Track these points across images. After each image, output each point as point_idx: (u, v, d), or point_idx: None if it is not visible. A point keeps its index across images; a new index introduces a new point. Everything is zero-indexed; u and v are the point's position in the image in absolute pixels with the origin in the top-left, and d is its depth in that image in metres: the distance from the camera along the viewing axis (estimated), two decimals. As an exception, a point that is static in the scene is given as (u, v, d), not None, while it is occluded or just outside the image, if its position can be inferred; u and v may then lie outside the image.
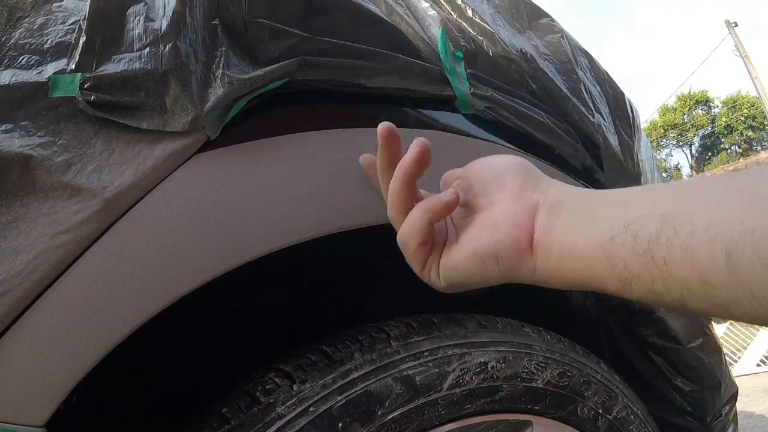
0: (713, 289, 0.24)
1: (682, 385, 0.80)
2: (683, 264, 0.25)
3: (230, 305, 0.71)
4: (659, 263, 0.26)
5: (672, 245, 0.25)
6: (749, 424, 2.68)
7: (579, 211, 0.31)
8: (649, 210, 0.27)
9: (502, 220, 0.33)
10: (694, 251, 0.24)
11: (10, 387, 0.37)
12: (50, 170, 0.39)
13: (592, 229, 0.29)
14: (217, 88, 0.44)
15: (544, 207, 0.33)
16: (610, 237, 0.28)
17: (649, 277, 0.26)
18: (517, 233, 0.32)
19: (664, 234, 0.25)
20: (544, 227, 0.32)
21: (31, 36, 0.45)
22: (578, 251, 0.30)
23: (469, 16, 0.70)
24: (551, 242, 0.31)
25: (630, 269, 0.27)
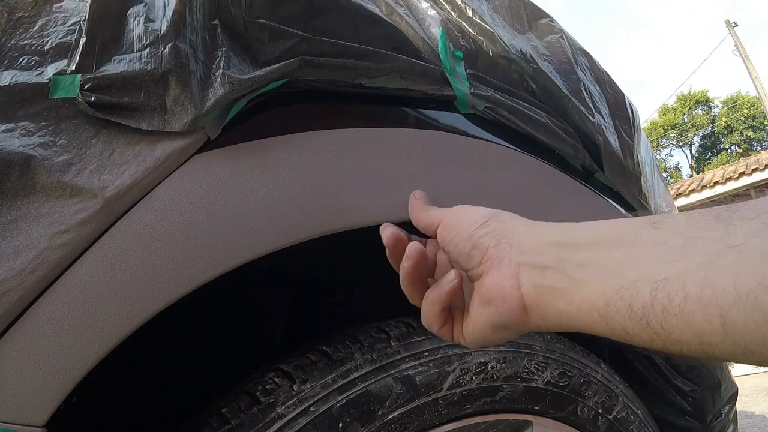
0: (712, 348, 0.25)
1: (682, 385, 0.80)
2: (680, 328, 0.26)
3: (230, 305, 0.71)
4: (656, 328, 0.26)
5: (667, 312, 0.26)
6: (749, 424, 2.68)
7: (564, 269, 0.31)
8: (641, 273, 0.27)
9: (493, 295, 0.34)
10: (689, 317, 0.25)
11: (11, 387, 0.37)
12: (51, 170, 0.39)
13: (585, 294, 0.30)
14: (217, 89, 0.44)
15: (525, 268, 0.33)
16: (605, 303, 0.28)
17: (648, 338, 0.27)
18: (510, 303, 0.34)
19: (659, 302, 0.26)
20: (532, 288, 0.33)
21: (32, 37, 0.45)
22: (574, 314, 0.31)
23: (469, 16, 0.70)
24: (545, 306, 0.32)
25: (628, 331, 0.28)
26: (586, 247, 0.31)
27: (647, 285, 0.27)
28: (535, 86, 0.70)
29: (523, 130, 0.66)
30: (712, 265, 0.25)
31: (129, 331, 0.41)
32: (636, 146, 0.83)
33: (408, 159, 0.56)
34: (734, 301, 0.23)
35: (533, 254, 0.33)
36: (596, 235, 0.32)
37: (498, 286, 0.34)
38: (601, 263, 0.30)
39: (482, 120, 0.64)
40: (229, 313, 0.72)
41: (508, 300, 0.33)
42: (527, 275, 0.33)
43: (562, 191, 0.70)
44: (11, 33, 0.45)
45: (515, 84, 0.69)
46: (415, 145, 0.58)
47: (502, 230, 0.36)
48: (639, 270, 0.27)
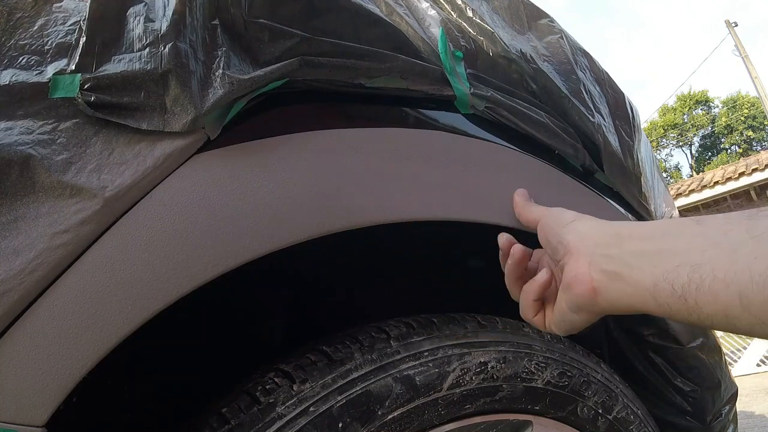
0: (735, 320, 0.32)
1: (682, 385, 0.80)
2: (709, 304, 0.33)
3: (230, 305, 0.71)
4: (692, 304, 0.34)
5: (700, 291, 0.33)
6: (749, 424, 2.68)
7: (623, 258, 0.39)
8: (682, 260, 0.35)
9: (571, 281, 0.43)
10: (716, 294, 0.32)
11: (10, 387, 0.37)
12: (50, 170, 0.39)
13: (639, 277, 0.38)
14: (217, 89, 0.44)
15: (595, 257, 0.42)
16: (654, 284, 0.36)
17: (685, 313, 0.35)
18: (584, 288, 0.42)
19: (694, 282, 0.33)
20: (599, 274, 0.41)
21: (32, 37, 0.45)
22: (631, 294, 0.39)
23: (469, 16, 0.70)
24: (609, 288, 0.40)
25: (671, 307, 0.36)
26: (641, 239, 0.39)
27: (685, 269, 0.34)
28: (535, 86, 0.70)
29: (523, 130, 0.66)
30: (735, 252, 0.31)
31: (129, 331, 0.40)
32: (636, 146, 0.83)
33: (408, 159, 0.56)
34: (749, 281, 0.29)
35: (601, 247, 0.42)
36: (650, 230, 0.39)
37: (574, 272, 0.42)
38: (652, 253, 0.37)
39: (482, 120, 0.64)
40: (229, 313, 0.72)
41: (582, 283, 0.41)
42: (596, 263, 0.41)
43: (562, 191, 0.70)
44: (11, 33, 0.45)
45: (515, 84, 0.69)
46: (415, 145, 0.58)
47: (581, 228, 0.44)
48: (680, 258, 0.35)
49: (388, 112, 0.59)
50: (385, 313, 0.61)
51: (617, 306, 0.40)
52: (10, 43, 0.44)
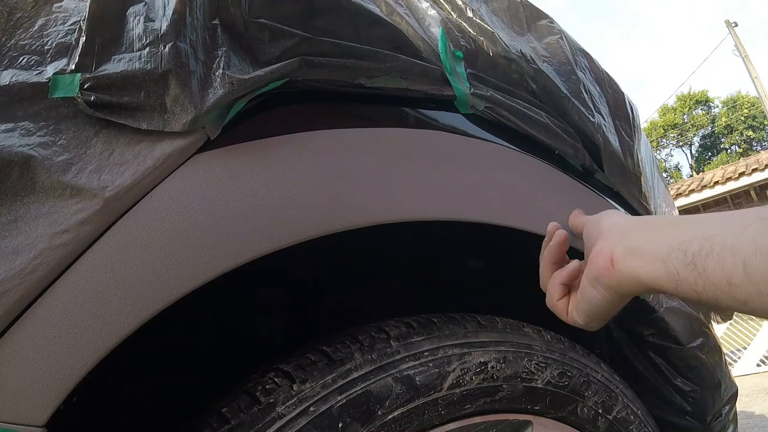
0: (736, 288, 0.35)
1: (682, 385, 0.80)
2: (716, 270, 0.36)
3: (230, 305, 0.71)
4: (700, 269, 0.37)
5: (709, 257, 0.37)
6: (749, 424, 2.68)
7: (643, 235, 0.44)
8: (696, 233, 0.39)
9: (593, 256, 0.48)
10: (723, 261, 0.36)
11: (11, 387, 0.37)
12: (50, 170, 0.39)
13: (655, 247, 0.42)
14: (218, 88, 0.44)
15: (618, 235, 0.47)
16: (668, 252, 0.40)
17: (693, 280, 0.38)
18: (603, 260, 0.46)
19: (704, 250, 0.37)
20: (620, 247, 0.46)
21: (32, 37, 0.45)
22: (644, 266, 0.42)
23: (469, 17, 0.70)
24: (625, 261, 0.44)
25: (680, 274, 0.39)
26: (665, 223, 0.44)
27: (699, 239, 0.38)
28: (535, 86, 0.70)
29: (523, 130, 0.66)
30: (745, 230, 0.35)
31: (129, 331, 0.40)
32: (636, 146, 0.83)
33: (408, 159, 0.56)
34: (753, 252, 0.34)
35: (628, 230, 0.47)
36: (674, 218, 0.45)
37: (598, 248, 0.47)
38: (671, 229, 0.42)
39: (482, 120, 0.64)
40: (229, 313, 0.72)
41: (602, 256, 0.46)
42: (618, 241, 0.46)
43: (562, 191, 0.70)
44: (11, 33, 0.45)
45: (515, 84, 0.69)
46: (415, 145, 0.58)
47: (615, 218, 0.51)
48: (696, 231, 0.39)
49: (388, 112, 0.59)
50: (385, 313, 0.61)
51: (629, 279, 0.44)
52: (10, 43, 0.44)
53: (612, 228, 0.49)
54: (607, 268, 0.45)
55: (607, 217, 0.52)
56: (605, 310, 0.49)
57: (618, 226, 0.48)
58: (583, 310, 0.50)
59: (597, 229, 0.50)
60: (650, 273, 0.42)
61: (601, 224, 0.50)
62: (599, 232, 0.49)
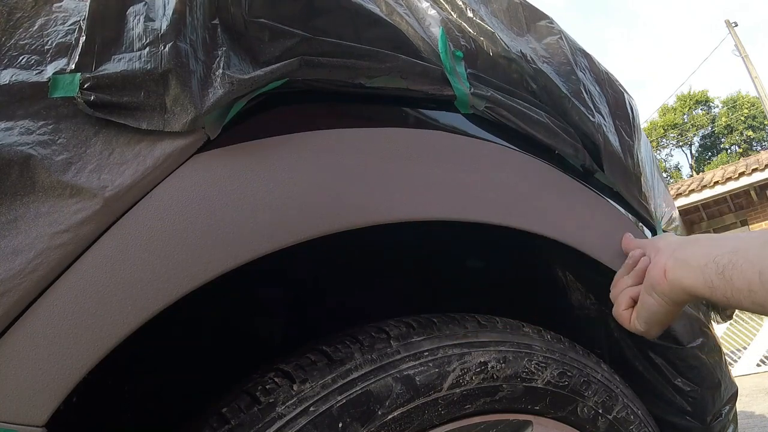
0: (755, 294, 0.44)
1: (682, 385, 0.80)
2: (740, 279, 0.46)
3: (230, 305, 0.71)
4: (728, 279, 0.47)
5: (735, 269, 0.47)
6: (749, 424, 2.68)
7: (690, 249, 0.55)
8: (726, 248, 0.49)
9: (651, 268, 0.58)
10: (745, 273, 0.46)
11: (10, 387, 0.37)
12: (50, 169, 0.39)
13: (696, 260, 0.52)
14: (218, 88, 0.44)
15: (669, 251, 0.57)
16: (705, 264, 0.50)
17: (723, 287, 0.48)
18: (658, 270, 0.56)
19: (731, 263, 0.47)
20: (671, 261, 0.56)
21: (31, 36, 0.45)
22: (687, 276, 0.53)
23: (470, 17, 0.70)
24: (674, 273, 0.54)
25: (713, 282, 0.49)
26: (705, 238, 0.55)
27: (728, 254, 0.48)
28: (535, 86, 0.70)
29: (523, 130, 0.66)
30: (764, 246, 0.45)
31: (129, 330, 0.40)
32: (636, 146, 0.83)
33: (408, 159, 0.56)
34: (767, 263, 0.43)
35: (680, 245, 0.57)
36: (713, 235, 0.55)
37: (655, 261, 0.58)
38: (710, 244, 0.53)
39: (482, 120, 0.64)
40: (229, 313, 0.72)
41: (658, 267, 0.56)
42: (671, 255, 0.56)
43: (562, 191, 0.70)
44: (11, 32, 0.45)
45: (515, 84, 0.69)
46: (415, 145, 0.58)
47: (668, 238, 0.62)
48: (727, 247, 0.50)
49: (388, 112, 0.59)
50: (385, 313, 0.61)
51: (678, 285, 0.53)
52: (10, 43, 0.44)
53: (667, 245, 0.59)
54: (661, 277, 0.55)
55: (663, 237, 0.63)
56: (662, 317, 0.57)
57: (671, 243, 0.59)
58: (643, 317, 0.59)
59: (654, 248, 0.60)
60: (692, 281, 0.52)
61: (658, 244, 0.61)
62: (656, 249, 0.60)
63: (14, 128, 0.40)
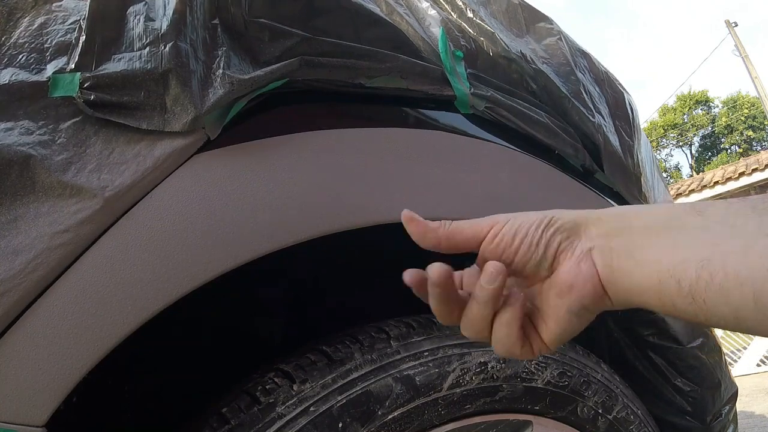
0: (746, 322, 0.30)
1: (682, 385, 0.80)
2: (719, 303, 0.30)
3: (230, 305, 0.71)
4: (699, 303, 0.31)
5: (709, 288, 0.30)
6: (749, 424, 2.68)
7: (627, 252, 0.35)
8: (687, 255, 0.32)
9: (573, 277, 0.37)
10: (727, 293, 0.29)
11: (10, 387, 0.37)
12: (50, 169, 0.39)
13: (644, 274, 0.34)
14: (218, 88, 0.44)
15: (597, 252, 0.37)
16: (659, 281, 0.33)
17: (693, 313, 0.32)
18: (592, 284, 0.36)
19: (702, 279, 0.30)
20: (604, 268, 0.36)
21: (32, 36, 0.45)
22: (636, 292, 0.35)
23: (470, 17, 0.70)
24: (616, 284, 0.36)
25: (677, 306, 0.32)
26: (642, 232, 0.35)
27: (693, 264, 0.31)
28: (535, 86, 0.70)
29: (523, 130, 0.66)
30: (749, 250, 0.29)
31: (129, 330, 0.40)
32: (636, 146, 0.83)
33: (408, 159, 0.56)
34: (764, 281, 0.27)
35: (599, 239, 0.37)
36: (648, 221, 0.36)
37: (575, 270, 0.37)
38: (655, 247, 0.34)
39: (482, 120, 0.64)
40: (229, 313, 0.72)
41: (589, 279, 0.36)
42: (599, 257, 0.36)
43: (562, 191, 0.70)
44: (11, 32, 0.45)
45: (515, 84, 0.69)
46: (415, 145, 0.58)
47: (567, 224, 0.38)
48: (686, 252, 0.32)
49: (388, 112, 0.59)
50: (385, 313, 0.61)
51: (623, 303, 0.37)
52: (10, 42, 0.44)
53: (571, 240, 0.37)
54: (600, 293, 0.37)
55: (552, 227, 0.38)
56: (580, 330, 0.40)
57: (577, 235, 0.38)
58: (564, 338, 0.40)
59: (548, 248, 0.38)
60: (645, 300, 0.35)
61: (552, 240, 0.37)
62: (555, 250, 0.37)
63: (14, 128, 0.40)
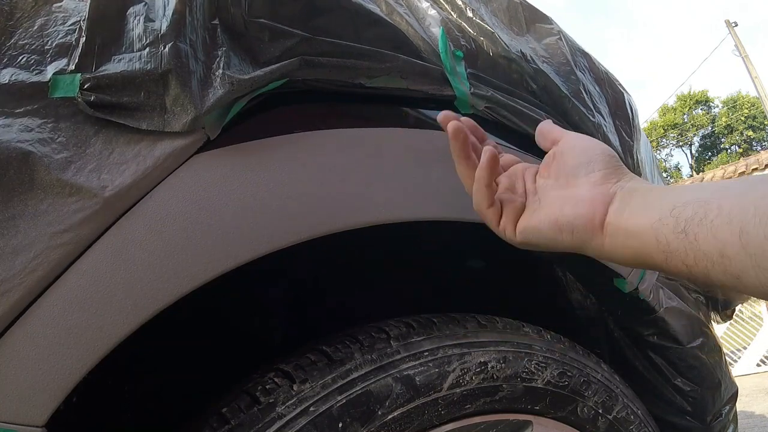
0: (729, 261, 0.30)
1: (682, 385, 0.80)
2: (708, 239, 0.31)
3: (230, 305, 0.71)
4: (691, 238, 0.33)
5: (702, 224, 0.32)
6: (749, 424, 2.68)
7: (642, 199, 0.38)
8: (691, 197, 0.34)
9: (583, 199, 0.40)
10: (717, 229, 0.31)
11: (10, 387, 0.37)
12: (49, 168, 0.39)
13: (648, 213, 0.36)
14: (217, 88, 0.44)
15: (619, 196, 0.39)
16: (659, 218, 0.35)
17: (683, 250, 0.33)
18: (593, 212, 0.39)
19: (697, 215, 0.32)
20: (615, 212, 0.39)
21: (31, 36, 0.45)
22: (636, 230, 0.37)
23: (469, 17, 0.70)
24: (619, 225, 0.38)
25: (670, 244, 0.34)
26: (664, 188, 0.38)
27: (693, 204, 0.33)
28: (535, 86, 0.70)
29: (523, 130, 0.66)
30: (745, 193, 0.31)
31: (129, 330, 0.40)
32: (636, 146, 0.83)
33: (408, 159, 0.56)
34: (752, 217, 0.29)
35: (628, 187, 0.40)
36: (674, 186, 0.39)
37: (591, 195, 0.40)
38: (668, 192, 0.37)
39: (482, 120, 0.64)
40: (229, 313, 0.72)
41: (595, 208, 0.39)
42: (617, 202, 0.39)
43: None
44: (11, 32, 0.45)
45: (515, 84, 0.69)
46: (415, 145, 0.58)
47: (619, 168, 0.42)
48: (691, 195, 0.34)
49: (388, 112, 0.59)
50: (385, 313, 0.61)
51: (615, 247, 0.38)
52: (10, 43, 0.44)
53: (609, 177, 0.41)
54: (594, 225, 0.39)
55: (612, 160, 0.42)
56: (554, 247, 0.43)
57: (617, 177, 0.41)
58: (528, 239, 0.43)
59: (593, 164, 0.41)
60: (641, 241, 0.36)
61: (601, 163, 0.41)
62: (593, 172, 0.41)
63: (13, 126, 0.40)
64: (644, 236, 0.36)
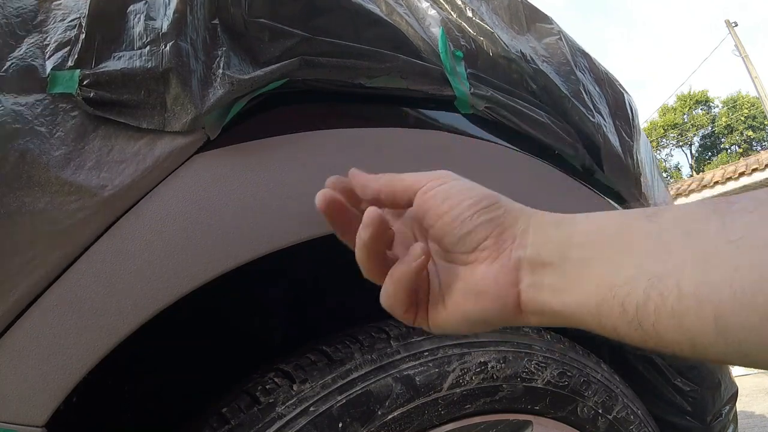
0: (705, 350, 0.24)
1: (682, 385, 0.80)
2: (672, 330, 0.24)
3: (230, 305, 0.71)
4: (648, 329, 0.25)
5: (660, 313, 0.24)
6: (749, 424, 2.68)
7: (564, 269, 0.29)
8: (634, 271, 0.26)
9: (486, 287, 0.31)
10: (682, 317, 0.23)
11: (11, 387, 0.37)
12: (48, 165, 0.39)
13: (581, 292, 0.28)
14: (218, 88, 0.44)
15: (526, 264, 0.30)
16: (597, 303, 0.27)
17: (640, 339, 0.26)
18: (504, 300, 0.31)
19: (651, 301, 0.24)
20: (531, 287, 0.30)
21: (31, 32, 0.45)
22: (569, 314, 0.29)
23: (469, 16, 0.70)
24: (542, 304, 0.30)
25: (619, 332, 0.27)
26: (584, 244, 0.29)
27: (641, 282, 0.25)
28: (535, 86, 0.70)
29: (523, 130, 0.66)
30: (709, 261, 0.23)
31: (129, 330, 0.40)
32: (636, 146, 0.83)
33: (408, 159, 0.56)
34: (729, 299, 0.22)
35: (534, 248, 0.30)
36: (593, 229, 0.29)
37: (493, 280, 0.31)
38: (597, 260, 0.28)
39: (482, 120, 0.64)
40: (229, 313, 0.72)
41: (503, 297, 0.31)
42: (527, 272, 0.30)
43: (562, 191, 0.70)
44: (12, 29, 0.45)
45: (515, 84, 0.69)
46: (415, 145, 0.58)
47: (506, 220, 0.32)
48: (632, 267, 0.26)
49: (388, 112, 0.59)
50: (385, 313, 0.61)
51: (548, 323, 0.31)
52: (11, 39, 0.44)
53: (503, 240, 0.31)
54: (512, 312, 0.31)
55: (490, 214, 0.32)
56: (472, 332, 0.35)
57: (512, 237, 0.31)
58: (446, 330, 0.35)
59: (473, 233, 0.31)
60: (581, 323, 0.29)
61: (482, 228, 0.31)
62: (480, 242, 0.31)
63: (12, 123, 0.40)
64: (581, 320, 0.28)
